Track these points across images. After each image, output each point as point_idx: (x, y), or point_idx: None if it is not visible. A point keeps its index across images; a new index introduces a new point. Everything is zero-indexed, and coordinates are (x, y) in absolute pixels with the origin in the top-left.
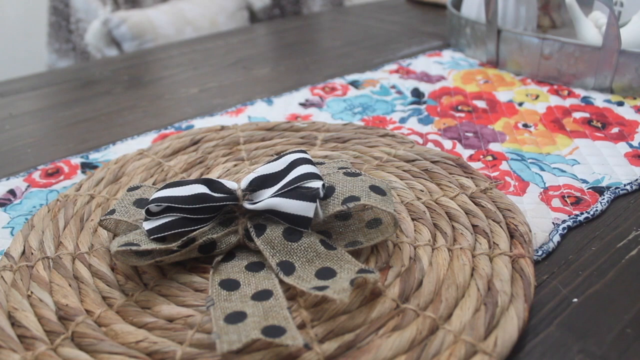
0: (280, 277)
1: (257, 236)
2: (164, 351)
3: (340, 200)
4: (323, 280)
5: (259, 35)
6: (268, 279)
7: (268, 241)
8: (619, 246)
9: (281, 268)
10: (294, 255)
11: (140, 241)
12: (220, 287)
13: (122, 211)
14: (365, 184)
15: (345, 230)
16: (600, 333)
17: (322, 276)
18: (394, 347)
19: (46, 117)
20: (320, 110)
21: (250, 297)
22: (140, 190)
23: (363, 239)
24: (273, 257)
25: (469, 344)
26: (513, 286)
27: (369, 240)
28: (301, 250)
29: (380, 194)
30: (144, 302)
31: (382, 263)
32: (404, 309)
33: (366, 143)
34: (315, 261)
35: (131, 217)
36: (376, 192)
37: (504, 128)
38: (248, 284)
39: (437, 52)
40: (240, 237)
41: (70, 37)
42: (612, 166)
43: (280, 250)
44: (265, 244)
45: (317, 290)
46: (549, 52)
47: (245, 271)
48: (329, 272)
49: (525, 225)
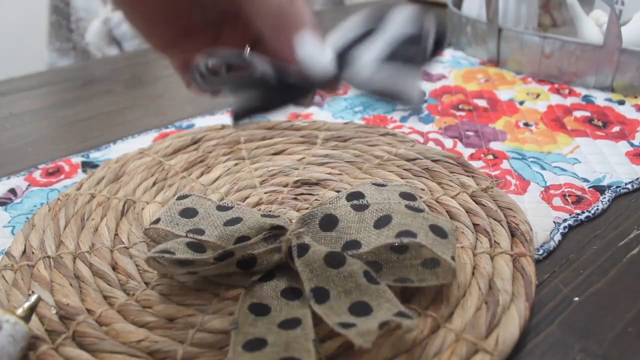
0: (311, 303)
1: (299, 256)
2: (165, 350)
3: (394, 232)
4: (354, 316)
5: None
6: (301, 308)
7: (308, 263)
8: (620, 245)
9: (314, 294)
10: (331, 283)
11: (177, 250)
12: (249, 311)
13: (167, 220)
14: (427, 221)
15: (398, 265)
16: (601, 332)
17: (356, 311)
18: (395, 346)
19: (47, 116)
20: (320, 109)
21: (277, 325)
22: (189, 199)
23: (415, 277)
24: (309, 282)
25: (470, 343)
26: (514, 285)
27: (420, 281)
28: (340, 278)
29: (440, 236)
30: (144, 301)
31: None
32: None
33: (367, 142)
34: (352, 293)
35: (176, 227)
36: (436, 232)
37: (504, 127)
38: (279, 311)
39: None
40: (283, 255)
41: (70, 36)
42: (613, 165)
43: (318, 275)
44: (305, 265)
45: (341, 328)
46: (550, 50)
47: (280, 297)
48: (364, 308)
49: (526, 224)
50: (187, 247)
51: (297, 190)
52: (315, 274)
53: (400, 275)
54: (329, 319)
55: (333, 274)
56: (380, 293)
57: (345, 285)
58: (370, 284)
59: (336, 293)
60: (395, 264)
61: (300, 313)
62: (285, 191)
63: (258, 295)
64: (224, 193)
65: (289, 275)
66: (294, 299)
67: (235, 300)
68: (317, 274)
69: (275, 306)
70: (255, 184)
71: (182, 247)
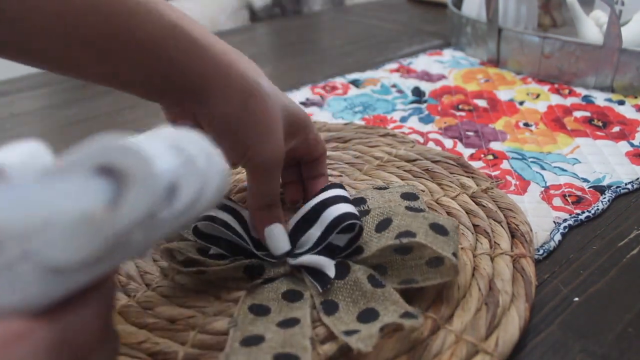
0: (321, 316)
1: (307, 272)
2: (166, 352)
3: (394, 234)
4: (363, 324)
5: (260, 35)
6: (301, 309)
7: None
8: (620, 245)
9: (324, 307)
10: (339, 295)
11: (189, 252)
12: (249, 311)
13: None
14: (427, 220)
15: (402, 266)
16: (601, 332)
17: (364, 318)
18: (396, 347)
19: (47, 117)
20: (320, 109)
21: (276, 324)
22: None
23: (420, 277)
24: (319, 296)
25: (470, 344)
26: (514, 286)
27: (425, 280)
28: (347, 289)
29: (441, 234)
30: (145, 303)
31: None
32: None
33: (367, 142)
34: (360, 301)
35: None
36: (437, 230)
37: (504, 127)
38: (279, 312)
39: (438, 51)
40: (288, 269)
41: None
42: (613, 165)
43: (327, 289)
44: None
45: (345, 335)
46: (550, 50)
47: (280, 299)
48: (372, 314)
49: (526, 225)
50: (197, 252)
51: None
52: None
53: (406, 276)
54: (336, 328)
55: (340, 285)
56: (386, 296)
57: (352, 295)
58: (375, 289)
59: (344, 304)
60: (400, 266)
61: (300, 314)
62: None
63: (259, 297)
64: (224, 193)
65: (291, 279)
66: (295, 301)
67: (236, 302)
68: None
69: (276, 307)
70: None
71: (193, 250)
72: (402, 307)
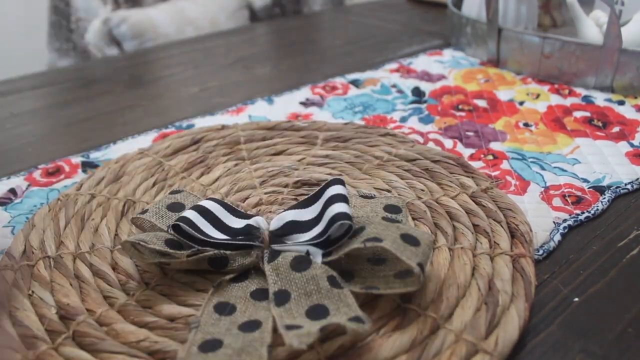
0: (271, 306)
1: (269, 261)
2: (165, 350)
3: (362, 240)
4: (309, 319)
5: (260, 34)
6: (266, 310)
7: (276, 267)
8: (619, 245)
9: (275, 297)
10: (293, 285)
11: (155, 243)
12: (214, 310)
13: (153, 212)
14: (400, 230)
15: (371, 275)
16: (601, 332)
17: (312, 314)
18: (395, 346)
19: (47, 116)
20: (320, 109)
21: (238, 326)
22: (181, 195)
23: (383, 286)
24: (274, 285)
25: (470, 344)
26: (514, 286)
27: (386, 289)
28: (302, 281)
29: (410, 244)
30: (145, 301)
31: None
32: (405, 308)
33: (367, 142)
34: (312, 296)
35: (160, 220)
36: (407, 240)
37: (504, 127)
38: (244, 311)
39: (437, 51)
40: (255, 259)
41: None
42: (613, 165)
43: (283, 279)
44: (272, 269)
45: (285, 329)
46: (550, 51)
47: (248, 298)
48: (321, 311)
49: (526, 225)
50: (165, 243)
51: (297, 190)
52: (280, 277)
53: (369, 283)
54: (281, 320)
55: (296, 277)
56: (341, 297)
57: (306, 287)
58: (332, 288)
59: (297, 295)
60: (368, 274)
61: (263, 315)
62: (285, 192)
63: (227, 295)
64: (224, 193)
65: (262, 277)
66: (262, 300)
67: None
68: (282, 277)
69: (242, 306)
70: (255, 184)
71: (159, 241)
72: (354, 311)
